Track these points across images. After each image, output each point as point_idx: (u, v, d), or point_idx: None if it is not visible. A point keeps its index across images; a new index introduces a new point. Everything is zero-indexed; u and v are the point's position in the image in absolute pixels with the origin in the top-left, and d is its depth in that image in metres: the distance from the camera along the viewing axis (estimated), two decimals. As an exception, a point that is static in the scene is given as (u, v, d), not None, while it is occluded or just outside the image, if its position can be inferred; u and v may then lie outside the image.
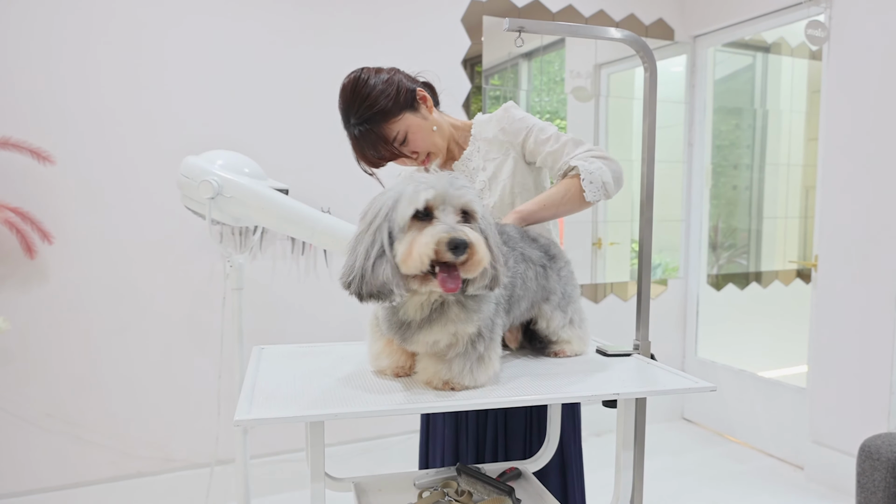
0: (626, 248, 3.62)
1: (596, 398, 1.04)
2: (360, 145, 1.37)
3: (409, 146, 1.38)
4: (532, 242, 1.25)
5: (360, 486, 1.31)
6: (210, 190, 1.63)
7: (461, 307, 1.03)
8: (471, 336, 1.04)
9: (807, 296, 3.03)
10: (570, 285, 1.28)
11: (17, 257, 2.35)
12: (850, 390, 2.75)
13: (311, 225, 1.69)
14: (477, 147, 1.47)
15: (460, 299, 1.03)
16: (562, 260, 1.29)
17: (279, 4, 2.67)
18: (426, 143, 1.40)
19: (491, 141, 1.46)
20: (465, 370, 1.04)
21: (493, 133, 1.46)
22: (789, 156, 4.18)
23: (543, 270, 1.23)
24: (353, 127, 1.36)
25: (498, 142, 1.45)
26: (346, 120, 1.37)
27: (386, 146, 1.36)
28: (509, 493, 1.24)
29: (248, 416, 0.90)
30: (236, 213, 1.71)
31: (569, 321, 1.27)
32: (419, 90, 1.40)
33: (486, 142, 1.47)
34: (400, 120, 1.35)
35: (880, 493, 1.60)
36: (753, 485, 2.88)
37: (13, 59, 2.31)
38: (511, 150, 1.44)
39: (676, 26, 3.54)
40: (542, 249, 1.26)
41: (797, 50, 4.02)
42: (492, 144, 1.46)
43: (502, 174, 1.44)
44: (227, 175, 1.69)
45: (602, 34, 1.44)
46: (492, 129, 1.46)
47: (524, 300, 1.19)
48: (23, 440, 2.41)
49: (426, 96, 1.42)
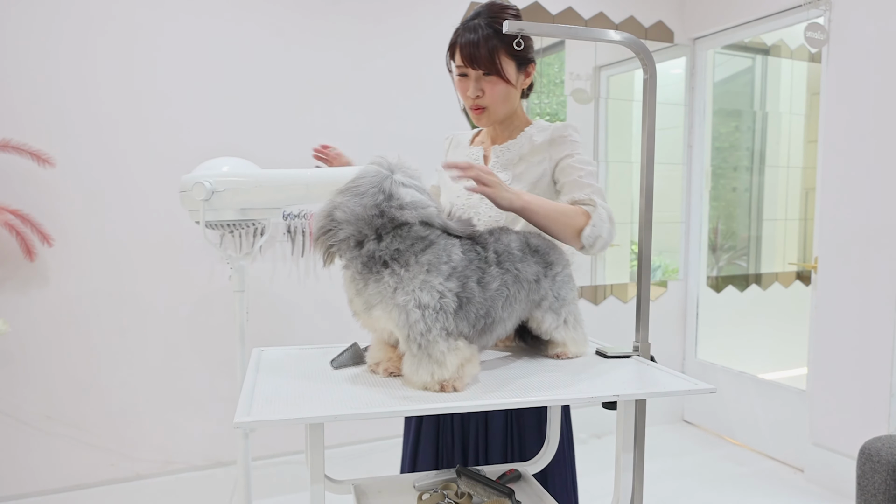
0: (626, 249, 3.63)
1: (596, 400, 1.04)
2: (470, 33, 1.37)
3: (489, 86, 1.40)
4: (532, 255, 1.21)
5: (359, 488, 1.31)
6: (203, 191, 1.63)
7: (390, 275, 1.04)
8: (411, 325, 1.03)
9: (807, 298, 3.04)
10: (565, 288, 1.26)
11: (16, 259, 2.35)
12: (850, 392, 2.75)
13: (304, 182, 1.66)
14: (521, 143, 1.48)
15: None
16: (559, 265, 1.26)
17: (279, 8, 2.67)
18: (498, 98, 1.42)
19: (537, 145, 1.46)
20: (411, 366, 1.05)
21: (542, 139, 1.46)
22: (789, 158, 4.19)
23: (536, 284, 1.20)
24: (479, 22, 1.37)
25: (542, 149, 1.45)
26: (480, 16, 1.38)
27: (487, 54, 1.36)
28: (509, 495, 1.23)
29: (248, 419, 0.90)
30: (237, 202, 1.70)
31: (563, 322, 1.25)
32: (533, 65, 1.46)
33: (532, 143, 1.47)
34: (510, 63, 1.39)
35: (881, 496, 1.60)
36: (753, 487, 2.88)
37: (13, 61, 2.31)
38: (547, 161, 1.44)
39: (676, 28, 3.54)
40: (541, 260, 1.23)
41: (797, 52, 4.02)
42: (536, 148, 1.46)
43: (527, 178, 1.44)
44: (217, 171, 1.70)
45: (601, 36, 1.44)
46: (543, 136, 1.47)
47: (509, 321, 1.16)
48: (22, 442, 2.41)
49: (531, 73, 1.47)
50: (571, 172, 1.41)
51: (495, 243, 1.16)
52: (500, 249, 1.16)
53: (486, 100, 1.41)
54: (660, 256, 3.73)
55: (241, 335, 1.96)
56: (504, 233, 1.21)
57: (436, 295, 1.04)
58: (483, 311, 1.10)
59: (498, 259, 1.14)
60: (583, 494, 2.77)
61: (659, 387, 1.11)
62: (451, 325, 1.05)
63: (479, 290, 1.09)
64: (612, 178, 3.51)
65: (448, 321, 1.04)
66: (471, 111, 1.46)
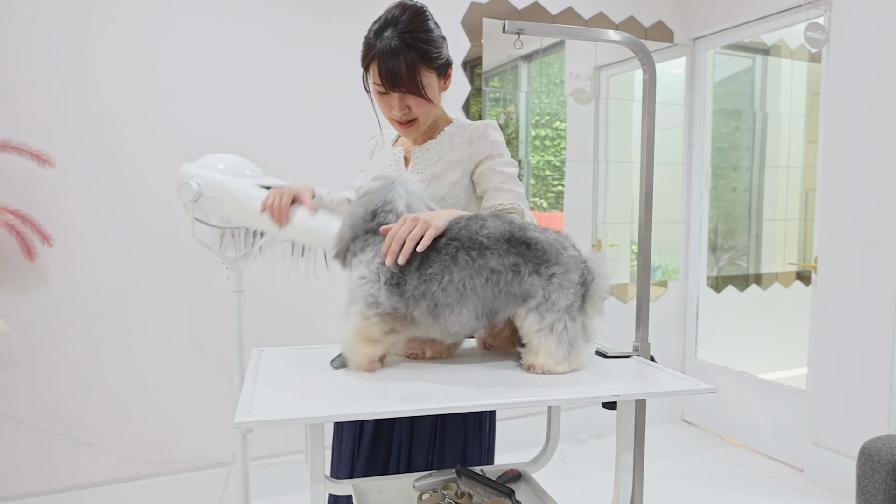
0: (626, 249, 3.63)
1: (596, 400, 1.04)
2: (387, 55, 1.30)
3: (413, 102, 1.36)
4: (516, 246, 1.15)
5: (359, 488, 1.30)
6: (190, 193, 1.63)
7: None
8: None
9: (807, 298, 3.04)
10: (559, 293, 1.15)
11: (17, 260, 2.35)
12: (850, 392, 2.75)
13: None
14: (441, 143, 1.46)
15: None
16: (559, 266, 1.16)
17: (280, 8, 2.67)
18: (425, 111, 1.39)
19: (456, 145, 1.44)
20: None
21: (462, 139, 1.44)
22: (789, 158, 4.19)
23: (515, 276, 1.13)
24: (392, 35, 1.30)
25: (461, 148, 1.43)
26: (390, 26, 1.31)
27: (409, 75, 1.31)
28: (509, 494, 1.23)
29: (248, 419, 0.90)
30: (222, 213, 1.68)
31: (547, 328, 1.14)
32: (452, 67, 1.43)
33: (452, 143, 1.45)
34: (431, 75, 1.36)
35: (881, 496, 1.60)
36: (753, 487, 2.88)
37: (13, 62, 2.31)
38: (466, 162, 1.41)
39: (676, 28, 3.54)
40: (530, 254, 1.15)
41: (797, 52, 4.02)
42: (455, 148, 1.44)
43: (446, 179, 1.41)
44: (211, 174, 1.66)
45: (600, 36, 1.44)
46: (462, 135, 1.44)
47: (462, 308, 1.12)
48: (22, 442, 2.41)
49: (451, 74, 1.44)
50: (493, 177, 1.38)
51: (462, 230, 1.15)
52: (463, 236, 1.13)
53: (413, 113, 1.38)
54: (660, 256, 3.73)
55: (238, 335, 1.96)
56: (489, 219, 1.17)
57: (373, 268, 1.15)
58: (419, 291, 1.12)
59: (449, 244, 1.13)
60: (583, 494, 2.78)
61: (659, 387, 1.11)
62: (382, 296, 1.13)
63: (415, 271, 1.12)
64: (612, 178, 3.51)
65: (378, 292, 1.13)
66: (398, 126, 1.42)
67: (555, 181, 3.36)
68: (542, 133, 3.31)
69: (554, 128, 3.33)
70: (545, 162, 3.32)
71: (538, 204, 3.33)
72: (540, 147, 3.30)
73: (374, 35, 1.33)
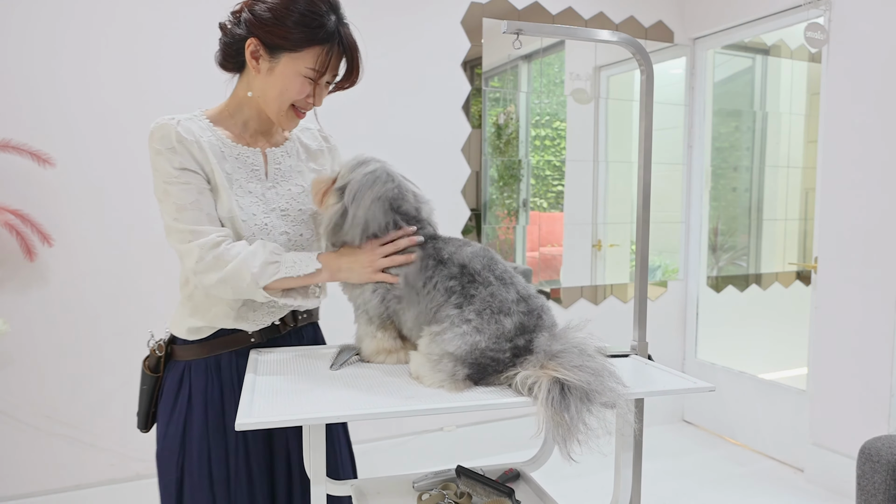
0: (626, 249, 3.63)
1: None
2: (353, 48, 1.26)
3: (323, 91, 1.28)
4: (457, 269, 1.13)
5: (359, 488, 1.31)
6: None
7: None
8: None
9: (807, 298, 3.04)
10: (435, 293, 1.13)
11: (17, 259, 2.35)
12: (850, 392, 2.75)
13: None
14: (296, 148, 1.38)
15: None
16: (482, 283, 1.10)
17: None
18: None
19: (313, 151, 1.40)
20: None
21: (317, 146, 1.41)
22: (789, 158, 4.19)
23: (446, 295, 1.12)
24: (346, 24, 1.26)
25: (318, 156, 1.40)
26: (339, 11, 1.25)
27: (352, 66, 1.26)
28: (509, 494, 1.24)
29: (248, 420, 0.90)
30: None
31: (430, 333, 1.11)
32: None
33: (307, 149, 1.39)
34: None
35: (881, 496, 1.60)
36: (753, 487, 2.88)
37: (14, 61, 2.31)
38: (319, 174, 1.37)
39: (676, 28, 3.54)
40: (478, 275, 1.12)
41: (797, 52, 4.02)
42: (312, 155, 1.40)
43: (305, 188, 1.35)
44: None
45: (598, 37, 1.44)
46: (313, 140, 1.40)
47: (404, 318, 1.19)
48: (22, 442, 2.41)
49: None
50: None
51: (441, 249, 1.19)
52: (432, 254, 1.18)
53: (312, 104, 1.28)
54: (660, 256, 3.73)
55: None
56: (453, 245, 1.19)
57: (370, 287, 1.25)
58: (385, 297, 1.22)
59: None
60: (583, 494, 2.78)
61: (657, 385, 1.11)
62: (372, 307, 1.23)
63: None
64: (612, 178, 3.51)
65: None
66: (295, 114, 1.28)
67: (555, 181, 3.36)
68: (542, 133, 3.31)
69: (554, 128, 3.33)
70: (545, 162, 3.32)
71: (538, 204, 3.33)
72: (540, 147, 3.30)
73: (326, 17, 1.22)
